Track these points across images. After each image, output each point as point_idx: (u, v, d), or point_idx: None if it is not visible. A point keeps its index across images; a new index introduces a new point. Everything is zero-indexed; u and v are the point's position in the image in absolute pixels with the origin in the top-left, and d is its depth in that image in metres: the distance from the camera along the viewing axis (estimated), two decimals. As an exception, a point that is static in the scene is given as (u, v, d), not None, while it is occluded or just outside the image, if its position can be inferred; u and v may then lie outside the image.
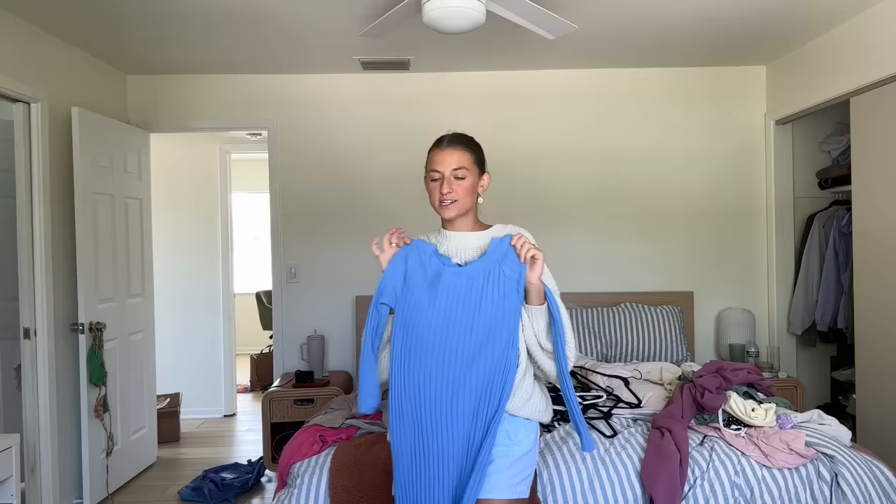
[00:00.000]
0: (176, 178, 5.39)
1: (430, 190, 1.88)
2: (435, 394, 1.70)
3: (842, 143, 4.08)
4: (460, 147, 1.86)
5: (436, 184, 1.86)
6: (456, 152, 1.85)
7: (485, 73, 4.32)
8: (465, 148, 1.87)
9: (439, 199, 1.85)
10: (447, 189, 1.83)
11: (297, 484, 2.43)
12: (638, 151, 4.32)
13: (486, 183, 1.94)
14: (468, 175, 1.84)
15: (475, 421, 1.68)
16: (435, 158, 1.86)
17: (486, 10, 2.58)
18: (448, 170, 1.83)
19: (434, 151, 1.88)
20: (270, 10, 3.19)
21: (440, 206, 1.86)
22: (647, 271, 4.31)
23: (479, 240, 1.89)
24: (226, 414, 5.40)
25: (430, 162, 1.87)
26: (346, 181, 4.34)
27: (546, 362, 1.76)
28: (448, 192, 1.83)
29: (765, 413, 2.52)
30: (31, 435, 3.31)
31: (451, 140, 1.87)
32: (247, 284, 7.79)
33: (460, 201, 1.84)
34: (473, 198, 1.88)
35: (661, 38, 3.72)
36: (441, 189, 1.83)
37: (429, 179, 1.88)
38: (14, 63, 3.18)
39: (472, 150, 1.88)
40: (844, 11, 3.31)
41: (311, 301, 4.35)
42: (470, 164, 1.86)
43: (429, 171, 1.88)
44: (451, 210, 1.85)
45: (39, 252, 3.34)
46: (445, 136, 1.89)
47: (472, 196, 1.87)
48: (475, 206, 1.91)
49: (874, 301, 3.33)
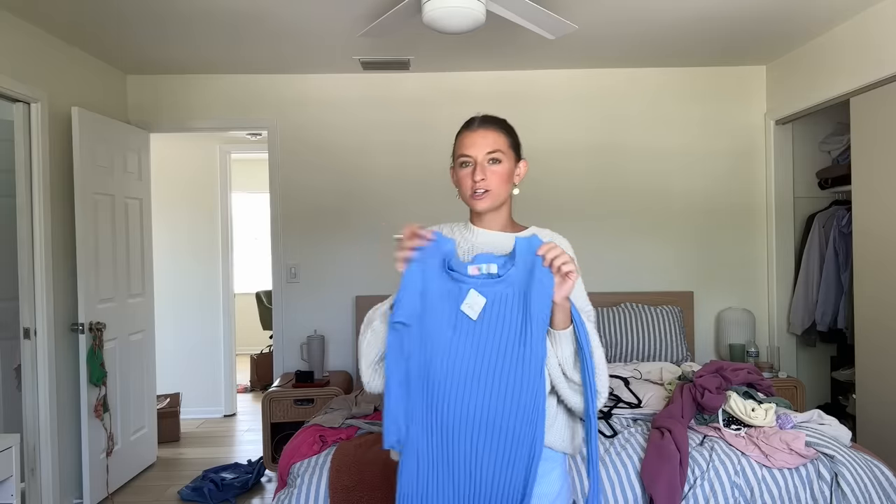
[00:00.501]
0: (176, 178, 5.39)
1: (460, 178, 1.62)
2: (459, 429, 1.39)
3: (842, 143, 4.08)
4: (494, 128, 1.62)
5: (466, 170, 1.60)
6: (490, 134, 1.60)
7: (485, 73, 4.32)
8: (500, 129, 1.63)
9: (471, 187, 1.59)
10: (480, 176, 1.57)
11: (297, 484, 2.43)
12: (638, 151, 4.32)
13: (523, 171, 1.68)
14: (504, 160, 1.59)
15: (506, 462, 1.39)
16: (465, 142, 1.62)
17: (486, 10, 2.58)
18: (481, 154, 1.58)
19: (464, 134, 1.64)
20: (270, 10, 3.19)
21: (472, 197, 1.60)
22: (647, 271, 4.31)
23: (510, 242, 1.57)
24: (226, 414, 5.40)
25: (460, 146, 1.63)
26: (346, 181, 4.34)
27: (571, 396, 1.45)
28: (481, 178, 1.57)
29: (765, 413, 2.52)
30: (31, 435, 3.31)
31: (483, 121, 1.64)
32: (247, 284, 7.79)
33: (494, 190, 1.58)
34: (509, 188, 1.62)
35: (661, 38, 3.72)
36: (473, 176, 1.58)
37: (457, 166, 1.64)
38: (14, 63, 3.18)
39: (507, 133, 1.64)
40: (845, 11, 3.31)
41: (311, 301, 4.35)
42: (506, 148, 1.61)
43: (457, 156, 1.64)
44: (484, 201, 1.59)
45: (39, 252, 3.34)
46: (476, 118, 1.65)
47: (507, 185, 1.61)
48: (510, 199, 1.66)
49: (874, 301, 3.33)
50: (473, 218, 1.68)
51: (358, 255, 4.33)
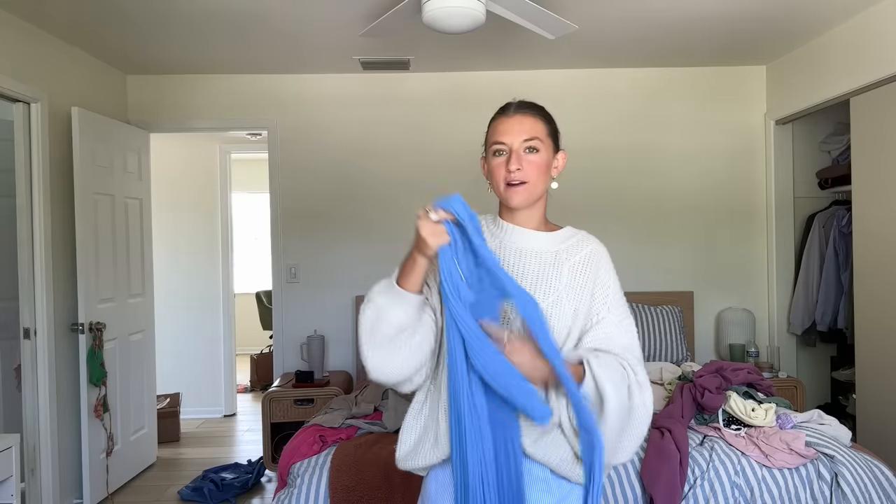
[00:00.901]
0: (176, 177, 5.39)
1: (493, 168, 1.48)
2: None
3: (842, 143, 4.08)
4: (532, 114, 1.49)
5: (500, 160, 1.46)
6: (527, 119, 1.47)
7: (485, 73, 4.32)
8: (538, 116, 1.50)
9: (505, 178, 1.44)
10: (516, 165, 1.42)
11: (297, 484, 2.43)
12: (638, 151, 4.32)
13: (562, 163, 1.53)
14: (542, 149, 1.45)
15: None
16: (499, 128, 1.47)
17: (486, 10, 2.58)
18: (517, 141, 1.44)
19: (498, 120, 1.50)
20: (270, 10, 3.19)
21: (506, 190, 1.45)
22: (647, 271, 4.31)
23: (545, 244, 1.48)
24: (226, 414, 5.40)
25: (494, 133, 1.49)
26: (346, 181, 4.34)
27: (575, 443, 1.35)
28: (517, 168, 1.43)
29: (765, 413, 2.52)
30: (31, 435, 3.31)
31: (519, 106, 1.51)
32: (247, 284, 7.78)
33: (531, 182, 1.44)
34: (546, 181, 1.48)
35: (661, 38, 3.72)
36: (508, 165, 1.43)
37: (490, 155, 1.49)
38: (14, 63, 3.18)
39: (545, 120, 1.51)
40: (844, 11, 3.31)
41: (311, 301, 4.35)
42: (544, 136, 1.47)
43: (490, 144, 1.49)
44: (519, 194, 1.44)
45: (39, 252, 3.33)
46: (512, 103, 1.52)
47: (545, 178, 1.47)
48: (546, 194, 1.51)
49: (874, 301, 3.33)
50: (503, 213, 1.52)
51: (358, 255, 4.33)
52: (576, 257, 1.47)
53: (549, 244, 1.48)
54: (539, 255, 1.47)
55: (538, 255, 1.47)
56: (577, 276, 1.45)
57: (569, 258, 1.47)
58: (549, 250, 1.47)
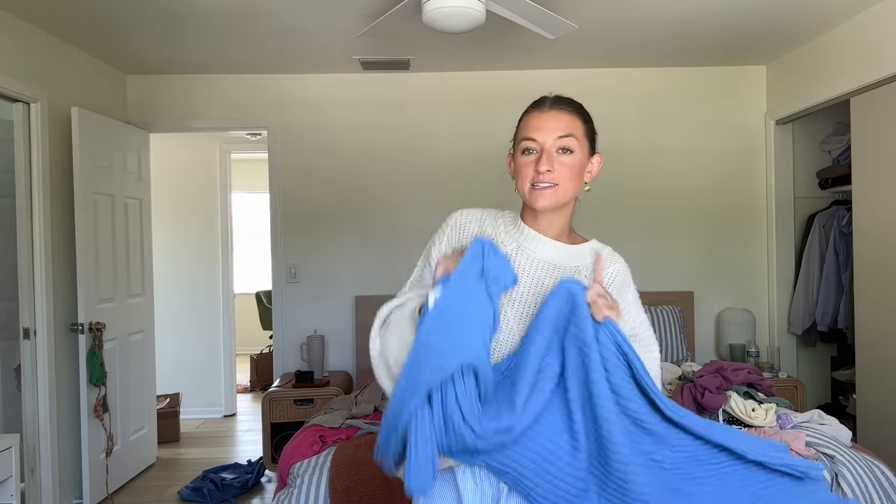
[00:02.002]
0: (176, 178, 5.39)
1: (520, 167, 1.33)
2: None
3: (842, 143, 4.08)
4: (569, 110, 1.35)
5: (529, 158, 1.31)
6: (563, 116, 1.33)
7: (485, 73, 4.32)
8: (575, 113, 1.36)
9: (532, 179, 1.30)
10: (546, 166, 1.28)
11: (297, 484, 2.43)
12: (638, 151, 4.31)
13: (597, 167, 1.39)
14: (576, 150, 1.32)
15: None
16: (532, 123, 1.33)
17: (485, 10, 2.58)
18: (551, 139, 1.30)
19: (531, 114, 1.36)
20: (270, 10, 3.19)
21: (531, 191, 1.30)
22: (647, 271, 4.31)
23: (567, 258, 1.35)
24: (226, 414, 5.40)
25: (525, 128, 1.34)
26: (346, 181, 4.34)
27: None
28: (547, 170, 1.28)
29: (765, 413, 2.52)
30: (30, 435, 3.31)
31: (556, 101, 1.36)
32: (247, 284, 7.79)
33: (562, 186, 1.30)
34: (578, 186, 1.34)
35: (661, 38, 3.72)
36: (538, 166, 1.29)
37: (518, 152, 1.34)
38: (14, 63, 3.18)
39: (583, 118, 1.37)
40: (844, 11, 3.31)
41: (311, 301, 4.35)
42: (580, 135, 1.33)
43: (520, 140, 1.34)
44: (547, 197, 1.30)
45: (39, 252, 3.33)
46: (548, 97, 1.38)
47: (577, 182, 1.33)
48: (574, 201, 1.38)
49: (874, 301, 3.33)
50: (525, 215, 1.38)
51: (358, 255, 4.33)
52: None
53: (571, 258, 1.36)
54: (558, 269, 1.34)
55: (556, 269, 1.34)
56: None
57: (589, 277, 1.35)
58: (569, 265, 1.35)
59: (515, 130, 1.39)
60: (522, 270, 1.34)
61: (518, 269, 1.34)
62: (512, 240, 1.37)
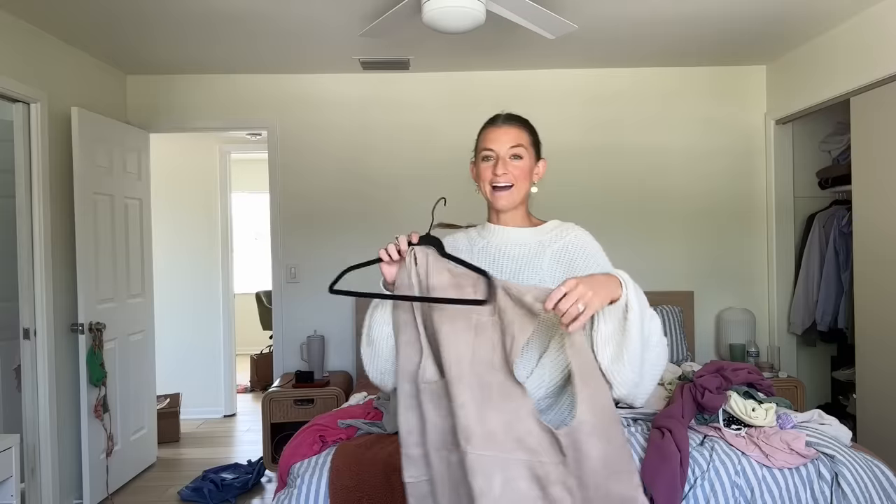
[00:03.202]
0: (176, 178, 5.39)
1: (481, 172, 1.68)
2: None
3: (842, 143, 4.08)
4: (517, 125, 1.69)
5: (488, 164, 1.66)
6: (513, 130, 1.67)
7: (484, 73, 4.32)
8: (522, 127, 1.70)
9: (491, 181, 1.65)
10: (502, 170, 1.63)
11: (297, 484, 2.43)
12: (638, 151, 4.31)
13: (542, 170, 1.73)
14: (525, 156, 1.66)
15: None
16: (489, 136, 1.68)
17: (485, 9, 2.58)
18: (504, 148, 1.64)
19: (488, 129, 1.70)
20: (270, 11, 3.19)
21: (492, 192, 1.66)
22: (647, 271, 4.31)
23: (529, 237, 1.68)
24: (226, 414, 5.40)
25: (483, 140, 1.69)
26: (346, 181, 4.34)
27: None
28: (503, 173, 1.63)
29: (765, 413, 2.52)
30: (31, 435, 3.31)
31: (507, 118, 1.71)
32: (247, 284, 7.79)
33: (516, 185, 1.65)
34: (528, 185, 1.69)
35: (661, 38, 3.72)
36: (495, 170, 1.64)
37: (479, 160, 1.70)
38: (14, 63, 3.18)
39: (529, 131, 1.71)
40: (844, 11, 3.31)
41: (311, 301, 4.35)
42: (528, 144, 1.68)
43: (480, 150, 1.69)
44: (504, 197, 1.65)
45: (39, 252, 3.33)
46: (500, 115, 1.72)
47: (527, 182, 1.68)
48: (528, 196, 1.72)
49: (874, 301, 3.33)
50: (491, 216, 1.73)
51: (358, 255, 4.31)
52: (557, 244, 1.65)
53: (533, 236, 1.67)
54: (523, 246, 1.65)
55: (522, 246, 1.65)
56: (559, 262, 1.62)
57: (551, 245, 1.65)
58: (532, 241, 1.66)
59: (475, 144, 1.71)
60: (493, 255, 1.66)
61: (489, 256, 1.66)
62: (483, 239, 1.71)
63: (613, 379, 1.41)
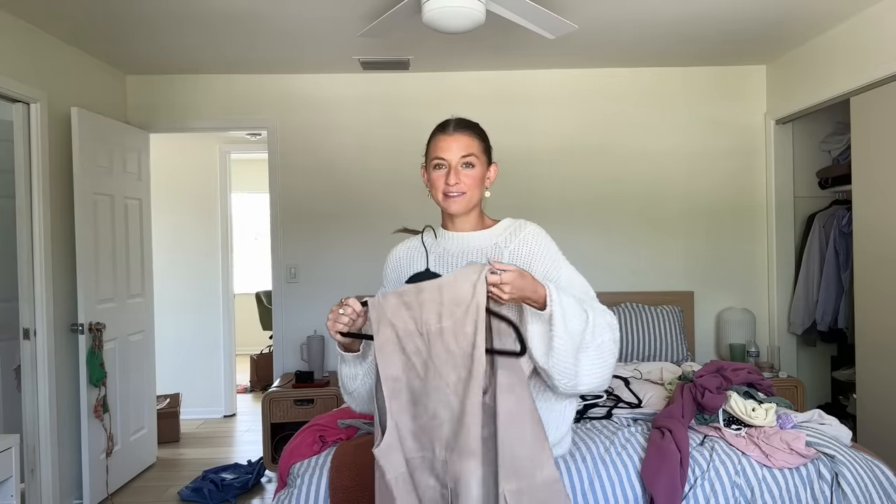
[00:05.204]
0: (176, 178, 5.39)
1: (433, 180, 1.67)
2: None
3: (842, 143, 4.08)
4: (468, 132, 1.67)
5: (440, 172, 1.65)
6: (464, 138, 1.65)
7: (485, 73, 4.32)
8: (474, 134, 1.68)
9: (444, 190, 1.64)
10: (454, 179, 1.62)
11: (296, 484, 2.43)
12: (637, 151, 4.31)
13: (494, 174, 1.73)
14: (477, 164, 1.65)
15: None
16: (440, 144, 1.65)
17: (485, 9, 2.58)
18: (455, 157, 1.63)
19: (438, 136, 1.67)
20: (270, 11, 3.19)
21: (445, 200, 1.66)
22: (647, 271, 4.31)
23: (484, 240, 1.69)
24: (226, 414, 5.40)
25: (434, 148, 1.66)
26: (345, 181, 4.34)
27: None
28: (455, 182, 1.62)
29: (765, 413, 2.52)
30: (30, 435, 3.31)
31: (457, 125, 1.67)
32: (247, 284, 7.79)
33: (468, 193, 1.65)
34: (481, 191, 1.68)
35: (661, 38, 3.72)
36: (447, 179, 1.63)
37: (430, 168, 1.67)
38: (14, 63, 3.18)
39: (480, 138, 1.69)
40: (844, 11, 3.31)
41: (311, 301, 4.35)
42: (479, 152, 1.66)
43: (431, 158, 1.67)
44: (457, 203, 1.65)
45: (39, 252, 3.33)
46: (451, 121, 1.69)
47: (480, 188, 1.67)
48: (481, 200, 1.71)
49: (874, 301, 3.33)
50: (446, 221, 1.74)
51: (358, 255, 4.33)
52: (513, 243, 1.67)
53: (488, 238, 1.69)
54: (480, 250, 1.67)
55: (480, 250, 1.67)
56: (517, 259, 1.65)
57: (507, 245, 1.68)
58: (487, 243, 1.68)
59: (426, 149, 1.70)
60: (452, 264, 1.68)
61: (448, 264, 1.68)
62: (439, 246, 1.72)
63: (547, 373, 1.50)
